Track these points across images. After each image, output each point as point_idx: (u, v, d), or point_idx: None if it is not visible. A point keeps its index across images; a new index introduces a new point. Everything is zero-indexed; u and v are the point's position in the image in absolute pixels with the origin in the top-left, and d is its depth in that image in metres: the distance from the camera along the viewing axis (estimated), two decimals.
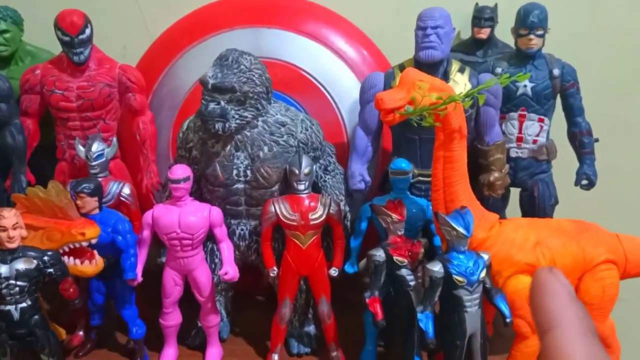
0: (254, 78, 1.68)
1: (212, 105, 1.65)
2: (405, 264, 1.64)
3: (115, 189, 1.85)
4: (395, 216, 1.67)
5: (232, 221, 1.82)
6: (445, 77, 1.80)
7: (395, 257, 1.64)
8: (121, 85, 1.93)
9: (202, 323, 1.84)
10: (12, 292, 1.47)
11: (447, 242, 1.56)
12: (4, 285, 1.46)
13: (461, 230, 1.51)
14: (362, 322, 1.89)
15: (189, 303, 1.83)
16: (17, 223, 1.48)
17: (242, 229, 1.84)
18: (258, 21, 2.12)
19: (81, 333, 1.93)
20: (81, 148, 1.85)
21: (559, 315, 0.57)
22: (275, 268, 1.76)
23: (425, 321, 1.52)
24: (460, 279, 1.51)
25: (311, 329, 1.93)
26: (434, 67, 1.76)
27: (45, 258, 1.51)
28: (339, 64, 2.12)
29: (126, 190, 1.87)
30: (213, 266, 1.84)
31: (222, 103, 1.65)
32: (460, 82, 1.77)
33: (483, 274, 1.53)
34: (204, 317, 1.82)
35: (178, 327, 1.84)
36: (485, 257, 1.56)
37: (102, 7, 2.23)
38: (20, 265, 1.48)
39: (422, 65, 1.77)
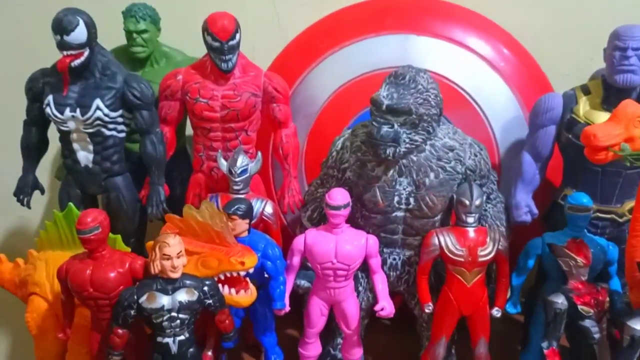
0: (430, 99, 1.52)
1: (385, 129, 1.49)
2: (591, 314, 1.47)
3: (258, 207, 1.73)
4: (580, 260, 1.50)
5: (385, 250, 1.68)
6: None
7: (580, 306, 1.48)
8: (266, 94, 1.78)
9: (343, 355, 1.72)
10: (172, 324, 1.37)
11: None
12: (165, 318, 1.36)
13: None
14: None
15: None
16: (181, 252, 1.37)
17: (394, 259, 1.69)
18: (406, 27, 1.94)
19: (210, 353, 1.83)
20: (223, 162, 1.73)
21: None
22: (430, 304, 1.61)
23: None
24: None
25: None
26: (627, 93, 1.56)
27: (205, 288, 1.40)
28: (492, 76, 1.93)
29: (269, 209, 1.74)
30: (356, 294, 1.70)
31: (396, 126, 1.50)
32: None
33: None
34: (348, 349, 1.70)
35: (317, 357, 1.73)
36: None
37: (233, 2, 1.97)
38: (183, 296, 1.37)
39: (611, 89, 1.59)
